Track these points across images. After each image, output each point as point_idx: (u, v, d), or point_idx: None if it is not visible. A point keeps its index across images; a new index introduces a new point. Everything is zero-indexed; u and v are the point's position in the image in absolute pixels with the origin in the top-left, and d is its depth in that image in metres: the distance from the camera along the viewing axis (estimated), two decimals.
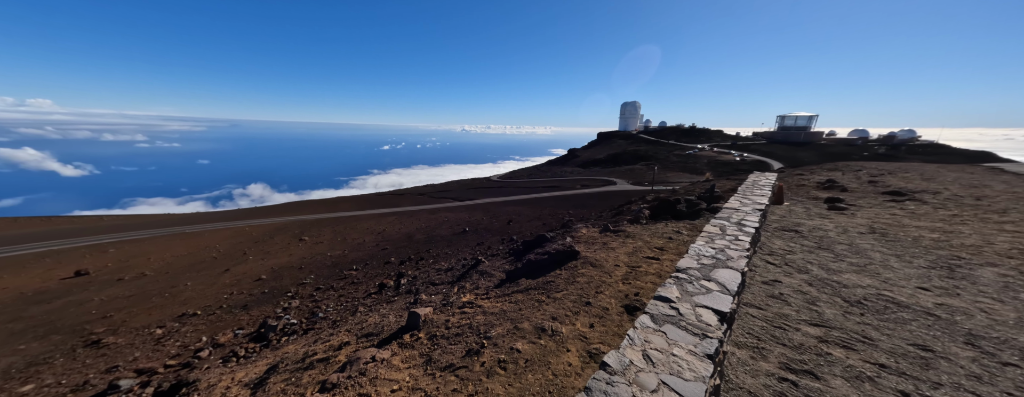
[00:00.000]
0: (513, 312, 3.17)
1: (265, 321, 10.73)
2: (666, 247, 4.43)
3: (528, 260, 4.34)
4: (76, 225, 42.52)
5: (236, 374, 3.34)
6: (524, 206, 36.53)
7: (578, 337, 2.60)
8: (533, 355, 2.45)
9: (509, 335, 2.76)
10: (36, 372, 9.52)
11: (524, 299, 3.39)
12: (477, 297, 3.84)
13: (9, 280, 19.93)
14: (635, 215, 6.29)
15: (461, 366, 2.61)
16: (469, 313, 3.35)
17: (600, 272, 3.74)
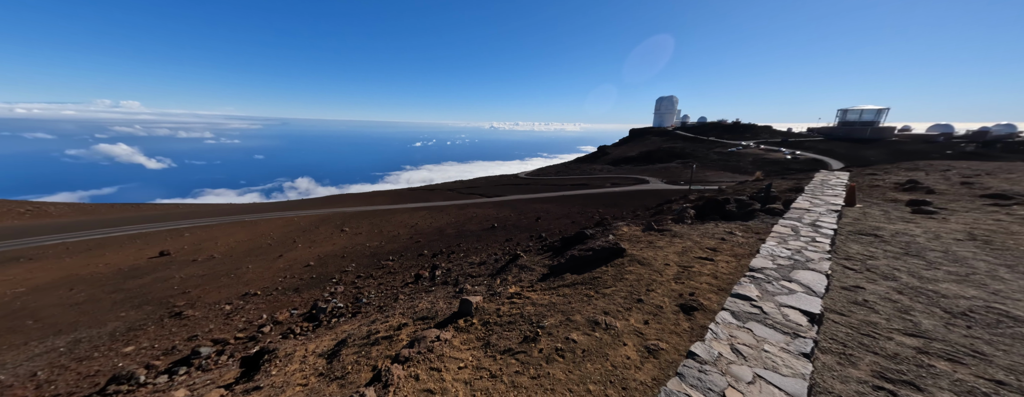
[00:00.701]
0: (562, 305, 3.25)
1: (316, 303, 11.80)
2: (719, 248, 4.26)
3: (571, 256, 4.37)
4: (158, 211, 48.92)
5: (308, 346, 3.76)
6: (552, 204, 36.30)
7: (633, 332, 2.61)
8: (589, 346, 2.51)
9: (562, 326, 2.84)
10: (134, 336, 11.22)
11: (571, 293, 3.46)
12: (523, 289, 3.96)
13: (110, 257, 23.46)
14: (678, 214, 6.06)
15: (519, 351, 2.73)
16: (518, 303, 3.48)
17: (649, 270, 3.69)
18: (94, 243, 28.37)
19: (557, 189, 52.42)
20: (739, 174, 53.04)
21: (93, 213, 47.63)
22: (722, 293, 3.09)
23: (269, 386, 2.88)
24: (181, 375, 7.70)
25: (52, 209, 47.75)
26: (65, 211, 47.22)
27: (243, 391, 2.90)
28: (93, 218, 42.54)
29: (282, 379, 2.98)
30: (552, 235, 19.14)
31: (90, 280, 18.37)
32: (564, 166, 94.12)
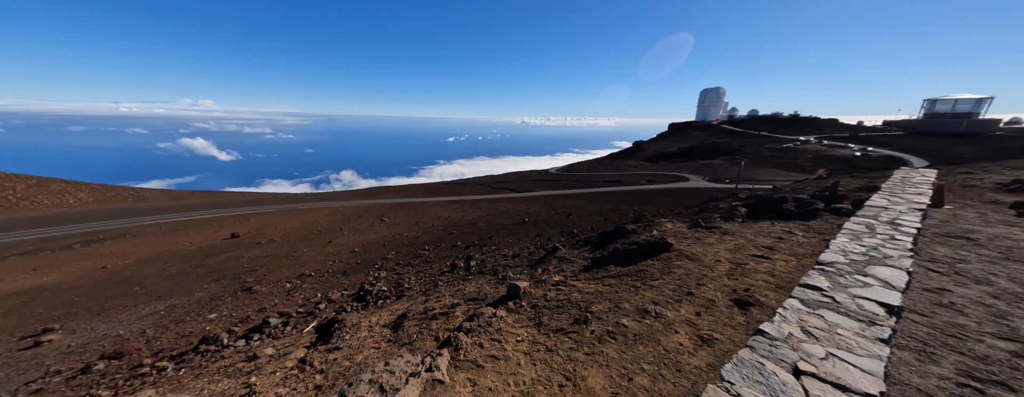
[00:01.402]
0: (609, 294, 3.36)
1: (362, 286, 12.88)
2: (776, 247, 4.07)
3: (614, 249, 4.43)
4: (228, 198, 55.44)
5: (370, 318, 4.24)
6: (583, 200, 35.70)
7: (685, 322, 2.66)
8: (640, 331, 2.61)
9: (611, 312, 2.96)
10: (216, 305, 13.06)
11: (617, 284, 3.54)
12: (567, 278, 4.11)
13: (193, 237, 27.17)
14: (728, 212, 5.78)
15: (572, 331, 2.88)
16: (564, 290, 3.64)
17: (699, 266, 3.66)
18: (180, 224, 33.03)
19: (588, 185, 51.32)
20: (795, 172, 48.19)
21: (178, 198, 55.24)
22: (781, 291, 2.99)
23: (347, 347, 3.34)
24: (255, 340, 8.92)
25: (148, 194, 56.10)
26: (157, 196, 55.26)
27: (326, 350, 3.38)
28: (179, 203, 49.38)
29: (356, 343, 3.43)
30: (584, 231, 18.95)
31: (179, 256, 21.52)
32: (596, 162, 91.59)
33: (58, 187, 50.91)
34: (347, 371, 2.85)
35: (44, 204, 43.92)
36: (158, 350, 9.45)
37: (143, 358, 8.95)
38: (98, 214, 39.43)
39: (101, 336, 10.81)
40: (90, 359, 9.19)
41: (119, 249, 24.11)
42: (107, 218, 36.74)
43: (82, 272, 18.91)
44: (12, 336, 11.18)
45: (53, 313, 13.09)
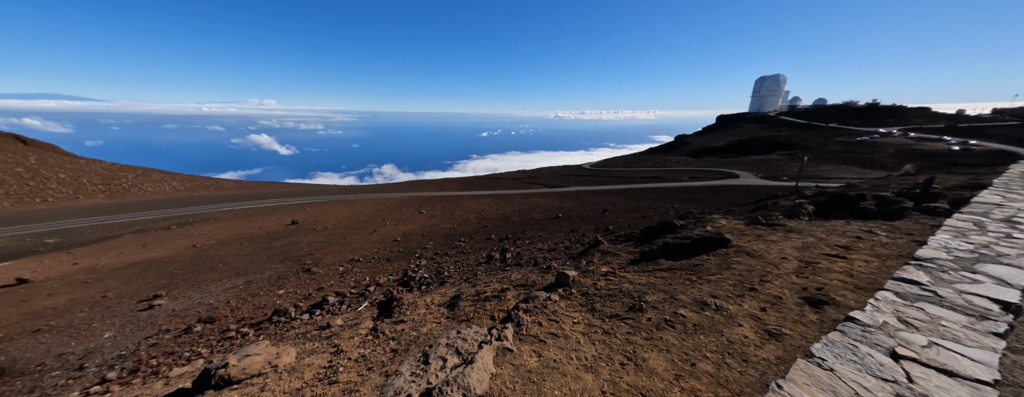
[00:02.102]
0: (662, 285, 3.36)
1: (406, 272, 13.84)
2: (854, 247, 3.76)
3: (665, 244, 4.36)
4: (288, 189, 61.70)
5: (424, 298, 4.65)
6: (619, 196, 34.54)
7: (750, 316, 2.61)
8: (700, 322, 2.60)
9: (667, 302, 2.97)
10: (282, 283, 14.82)
11: (670, 277, 3.52)
12: (616, 270, 4.16)
13: (261, 222, 30.73)
14: (791, 210, 5.34)
15: (627, 317, 2.94)
16: (614, 281, 3.70)
17: (762, 263, 3.51)
18: (251, 211, 37.52)
19: (624, 182, 49.44)
20: (872, 169, 42.33)
21: (248, 188, 62.65)
22: (860, 291, 2.78)
23: (411, 320, 3.72)
24: (317, 315, 10.07)
25: (225, 184, 64.25)
26: (232, 186, 63.09)
27: (392, 322, 3.80)
28: (249, 192, 56.02)
29: (418, 317, 3.80)
30: (620, 228, 18.44)
31: (251, 239, 24.56)
32: (633, 157, 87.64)
33: (157, 176, 60.14)
34: (416, 339, 3.18)
35: (148, 191, 52.29)
36: (240, 318, 11.03)
37: (230, 324, 10.52)
38: (187, 200, 46.11)
39: (196, 303, 12.83)
40: (190, 322, 10.98)
41: (205, 231, 28.05)
42: (194, 204, 42.87)
43: (178, 249, 22.39)
44: (132, 299, 13.66)
45: (160, 282, 15.74)
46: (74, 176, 51.52)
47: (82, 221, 34.45)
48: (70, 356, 9.41)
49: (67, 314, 12.47)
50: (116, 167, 59.06)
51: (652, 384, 2.00)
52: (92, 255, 22.05)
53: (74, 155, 60.67)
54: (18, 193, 44.07)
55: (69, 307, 13.18)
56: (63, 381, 8.21)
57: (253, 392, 2.56)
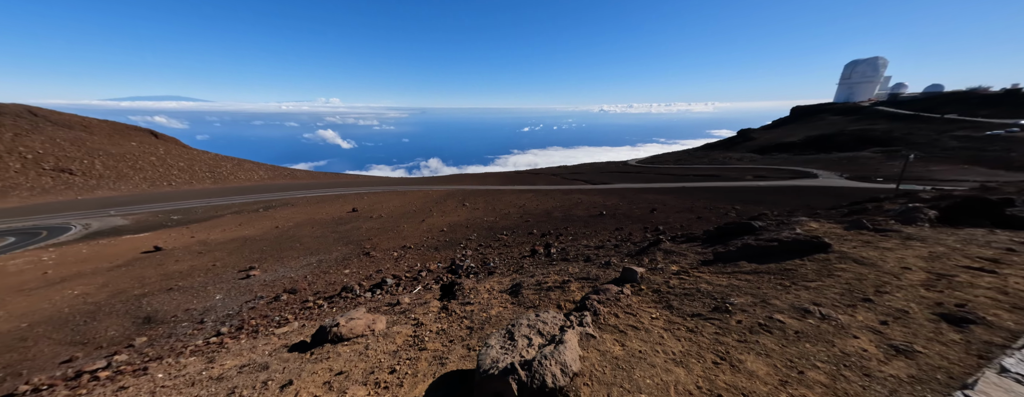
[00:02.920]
0: (748, 289, 3.15)
1: (453, 261, 14.66)
2: (1005, 260, 3.14)
3: (745, 245, 4.06)
4: (349, 180, 68.20)
5: (483, 284, 4.95)
6: (669, 195, 32.32)
7: (867, 329, 2.35)
8: (805, 330, 2.40)
9: (757, 307, 2.78)
10: (347, 263, 16.63)
11: (755, 280, 3.29)
12: (688, 269, 4.00)
13: (328, 209, 34.50)
14: (906, 215, 4.56)
15: (712, 317, 2.80)
16: (687, 280, 3.56)
17: (876, 272, 3.12)
18: (319, 198, 42.31)
19: (675, 179, 46.07)
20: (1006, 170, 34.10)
21: (317, 178, 70.62)
22: (1020, 312, 2.33)
23: (478, 303, 4.01)
24: (378, 294, 11.18)
25: (298, 174, 73.13)
26: (304, 176, 71.61)
27: (460, 303, 4.13)
28: (317, 181, 63.15)
29: (484, 301, 4.08)
30: (671, 228, 17.32)
31: (320, 223, 27.77)
32: (686, 154, 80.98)
33: (249, 166, 70.41)
34: (488, 320, 3.42)
35: (241, 178, 61.66)
36: (316, 291, 12.66)
37: (308, 296, 12.14)
38: (270, 187, 53.46)
39: (281, 276, 14.97)
40: (278, 291, 12.88)
41: (284, 214, 32.33)
42: (275, 191, 49.58)
43: (265, 229, 26.17)
44: (234, 269, 16.37)
45: (253, 256, 18.61)
46: (189, 164, 62.60)
47: (195, 202, 41.87)
48: (193, 311, 11.64)
49: (189, 277, 15.38)
50: (219, 158, 70.45)
51: (754, 386, 1.91)
52: (204, 230, 26.77)
53: (189, 147, 73.53)
54: (152, 178, 54.79)
55: (190, 272, 16.23)
56: (190, 331, 10.22)
57: (359, 349, 3.01)
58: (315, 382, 2.67)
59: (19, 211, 36.75)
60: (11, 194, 43.23)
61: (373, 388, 2.44)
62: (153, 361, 8.13)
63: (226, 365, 3.55)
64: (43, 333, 10.70)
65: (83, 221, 31.84)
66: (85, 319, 11.49)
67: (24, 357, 9.37)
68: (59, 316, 11.82)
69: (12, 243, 24.53)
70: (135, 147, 62.92)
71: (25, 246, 23.53)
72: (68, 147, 54.93)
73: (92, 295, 13.72)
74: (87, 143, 57.80)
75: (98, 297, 13.43)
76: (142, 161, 58.49)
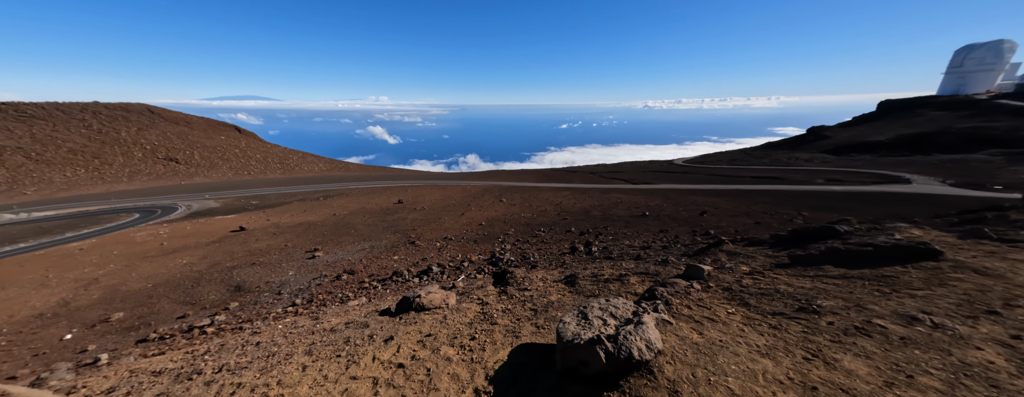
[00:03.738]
0: (837, 292, 2.94)
1: (494, 254, 15.15)
2: None
3: (831, 249, 3.76)
4: (394, 173, 72.82)
5: (535, 274, 5.17)
6: (721, 198, 29.89)
7: (992, 341, 2.13)
8: (912, 336, 2.23)
9: (851, 310, 2.59)
10: (396, 250, 17.96)
11: (846, 285, 3.06)
12: (763, 270, 3.82)
13: (377, 199, 37.26)
14: None
15: (797, 317, 2.68)
16: (763, 281, 3.41)
17: (1003, 284, 2.75)
18: (369, 190, 45.84)
19: (728, 181, 42.45)
20: None
21: (367, 171, 76.43)
22: None
23: (534, 290, 4.24)
24: (424, 280, 12.01)
25: (351, 167, 79.70)
26: (356, 169, 77.86)
27: (517, 289, 4.39)
28: (367, 174, 68.38)
29: (540, 289, 4.29)
30: (725, 232, 16.08)
31: (371, 212, 30.15)
32: (742, 153, 73.88)
33: (311, 159, 78.31)
34: (550, 305, 3.60)
35: (305, 169, 68.91)
36: (371, 274, 13.91)
37: (364, 277, 13.40)
38: (328, 178, 59.05)
39: (341, 258, 16.63)
40: (339, 271, 14.38)
41: (340, 203, 35.56)
42: (332, 182, 54.66)
43: (325, 216, 29.08)
44: (301, 250, 18.50)
45: (316, 239, 20.87)
46: (264, 156, 71.31)
47: (269, 189, 47.69)
48: (272, 284, 13.43)
49: (267, 255, 17.69)
50: (288, 151, 79.24)
51: (854, 384, 1.84)
52: (276, 215, 30.49)
53: (264, 141, 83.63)
54: (236, 167, 63.31)
55: (268, 250, 18.65)
56: (271, 300, 11.83)
57: (438, 318, 3.39)
58: (411, 339, 3.07)
59: (139, 193, 44.74)
60: (135, 178, 52.68)
61: (459, 349, 2.75)
62: (246, 322, 9.58)
63: (332, 322, 4.16)
64: (163, 293, 13.07)
65: (186, 202, 37.91)
66: (191, 283, 13.81)
67: (151, 311, 11.56)
68: (173, 280, 14.34)
69: (136, 218, 30.03)
70: (223, 140, 72.91)
71: (146, 221, 28.67)
72: (175, 140, 65.30)
73: (196, 265, 16.40)
74: (189, 137, 68.19)
75: (200, 267, 16.02)
76: (229, 153, 67.73)
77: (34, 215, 31.71)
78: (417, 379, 2.50)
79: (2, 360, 9.01)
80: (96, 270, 16.28)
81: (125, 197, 41.16)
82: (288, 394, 2.61)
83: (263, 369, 3.05)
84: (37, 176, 48.52)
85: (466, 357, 2.64)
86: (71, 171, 51.20)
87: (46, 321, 11.22)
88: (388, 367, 2.76)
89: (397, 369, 2.68)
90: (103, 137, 59.52)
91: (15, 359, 8.96)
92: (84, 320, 11.07)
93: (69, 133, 57.99)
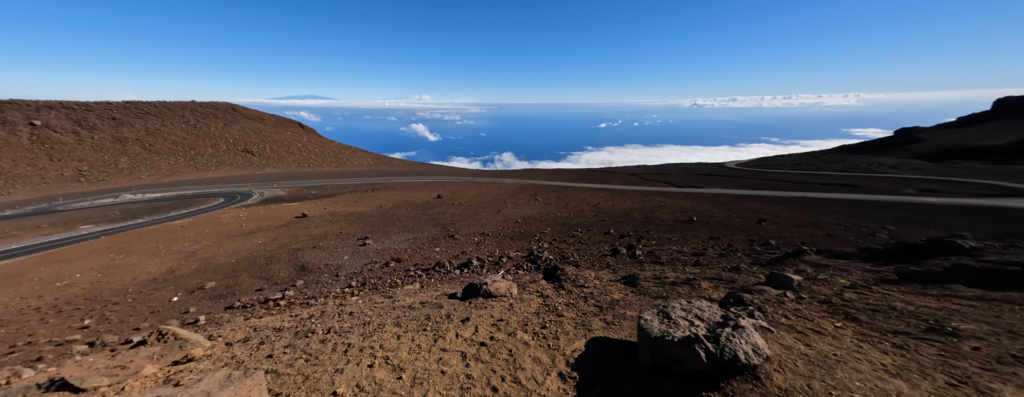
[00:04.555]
0: (976, 315, 2.57)
1: (531, 251, 15.23)
2: None
3: (957, 266, 3.30)
4: (434, 169, 76.04)
5: (587, 273, 5.17)
6: (781, 206, 26.97)
7: None
8: None
9: (1002, 336, 2.25)
10: (437, 243, 18.83)
11: (988, 308, 2.66)
12: (869, 285, 3.45)
13: (418, 194, 39.22)
14: None
15: (928, 339, 2.40)
16: (870, 296, 3.07)
17: None
18: (411, 184, 48.42)
19: (791, 187, 38.23)
20: None
21: (409, 166, 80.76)
22: None
23: (592, 287, 4.25)
24: (465, 272, 12.49)
25: (395, 162, 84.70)
26: (399, 164, 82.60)
27: (574, 286, 4.44)
28: (410, 169, 72.25)
29: (598, 287, 4.27)
30: (788, 244, 14.49)
31: (413, 205, 31.85)
32: (810, 157, 65.87)
33: (361, 154, 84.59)
34: (614, 303, 3.56)
35: (355, 163, 74.66)
36: (415, 263, 14.76)
37: (409, 266, 14.27)
38: (375, 172, 63.39)
39: (387, 247, 17.84)
40: (387, 259, 15.45)
41: (385, 196, 37.99)
42: (379, 175, 58.57)
43: (373, 207, 31.30)
44: (354, 237, 20.13)
45: (366, 228, 22.57)
46: (322, 151, 78.46)
47: (325, 180, 52.39)
48: (331, 266, 14.82)
49: (325, 240, 19.51)
50: (341, 146, 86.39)
51: None
52: (332, 204, 33.48)
53: (322, 137, 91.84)
54: (298, 160, 70.38)
55: (325, 236, 20.57)
56: (329, 281, 13.07)
57: (505, 305, 3.57)
58: (485, 322, 3.26)
59: (223, 180, 51.57)
60: (220, 167, 60.76)
61: (533, 335, 2.87)
62: (311, 298, 10.69)
63: (406, 301, 4.56)
64: (243, 268, 15.01)
65: (259, 190, 43.02)
66: (265, 261, 15.69)
67: (235, 283, 13.34)
68: (251, 257, 16.40)
69: (221, 202, 34.74)
70: (289, 136, 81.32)
71: (229, 205, 33.07)
72: (252, 135, 74.12)
73: (268, 245, 18.59)
74: (262, 132, 76.98)
75: (271, 247, 18.13)
76: (293, 147, 75.41)
77: (148, 196, 38.14)
78: (501, 358, 2.64)
79: (129, 313, 10.99)
80: (193, 245, 19.17)
81: (212, 183, 47.88)
82: (392, 356, 2.91)
83: (363, 334, 3.43)
84: (149, 163, 58.15)
85: (542, 343, 2.72)
86: (173, 160, 60.62)
87: (158, 285, 13.47)
88: (471, 344, 2.95)
89: (480, 347, 2.85)
90: (197, 131, 69.56)
91: (138, 314, 10.87)
92: (185, 286, 13.11)
93: (173, 128, 68.59)
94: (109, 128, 63.28)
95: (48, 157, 55.36)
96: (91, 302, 12.04)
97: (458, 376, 2.49)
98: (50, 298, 12.71)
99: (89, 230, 25.48)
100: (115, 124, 64.35)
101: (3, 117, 58.44)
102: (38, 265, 17.25)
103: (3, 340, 9.66)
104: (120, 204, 34.38)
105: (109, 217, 29.58)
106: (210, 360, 3.48)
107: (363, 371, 2.72)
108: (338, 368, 2.83)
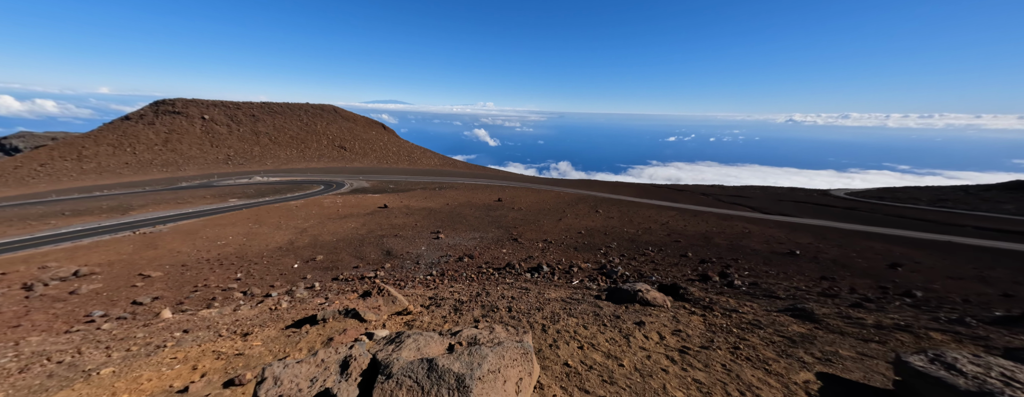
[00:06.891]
0: None
1: (603, 265, 14.82)
2: None
3: None
4: (493, 173, 78.94)
5: (726, 298, 4.96)
6: (921, 250, 21.58)
7: None
8: None
9: None
10: (502, 244, 19.52)
11: None
12: None
13: (480, 195, 41.05)
14: None
15: None
16: None
17: None
18: (473, 186, 50.98)
19: (931, 228, 30.49)
20: None
21: (471, 169, 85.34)
22: None
23: (750, 314, 4.07)
24: (536, 276, 12.71)
25: (458, 164, 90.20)
26: (462, 166, 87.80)
27: (721, 309, 4.33)
28: (471, 171, 76.31)
29: (755, 313, 4.10)
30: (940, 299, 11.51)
31: (477, 206, 33.50)
32: (960, 192, 51.78)
33: (429, 154, 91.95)
34: (801, 337, 3.19)
35: (425, 163, 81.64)
36: (485, 261, 15.53)
37: (481, 263, 15.06)
38: (441, 172, 68.37)
39: (458, 243, 19.07)
40: (460, 254, 16.54)
41: (450, 195, 40.61)
42: (445, 175, 63.01)
43: (441, 204, 33.77)
44: (427, 230, 21.97)
45: (437, 223, 24.46)
46: (398, 150, 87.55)
47: (400, 177, 58.18)
48: (412, 254, 16.38)
49: (404, 230, 21.64)
50: (414, 147, 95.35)
51: None
52: (407, 198, 37.04)
53: (400, 137, 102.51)
54: (380, 157, 79.47)
55: (404, 226, 22.82)
56: (412, 267, 14.45)
57: (668, 316, 3.62)
58: (664, 330, 3.34)
59: (322, 171, 60.66)
60: (321, 159, 71.66)
61: (731, 353, 2.78)
62: (400, 280, 11.94)
63: (552, 294, 4.92)
64: (342, 247, 17.41)
65: (350, 181, 49.67)
66: (359, 243, 17.98)
67: (338, 259, 15.54)
68: (347, 238, 18.95)
69: (322, 189, 40.93)
70: (374, 135, 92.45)
71: (329, 192, 38.80)
72: (346, 133, 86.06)
73: (359, 229, 21.31)
74: (354, 131, 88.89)
75: (362, 232, 20.74)
76: (376, 145, 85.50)
77: (271, 179, 46.95)
78: (717, 370, 2.58)
79: (265, 273, 13.53)
80: (304, 222, 22.94)
81: (314, 173, 56.88)
82: (594, 343, 3.16)
83: (546, 317, 3.73)
84: (273, 153, 71.50)
85: (756, 365, 2.67)
86: (289, 151, 73.60)
87: (283, 253, 16.37)
88: (669, 349, 3.00)
89: (681, 353, 2.88)
90: (307, 128, 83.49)
91: (272, 275, 13.33)
92: (302, 256, 15.70)
93: (290, 124, 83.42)
94: (249, 123, 79.87)
95: (210, 144, 71.97)
96: (240, 260, 15.23)
97: (685, 377, 2.53)
98: (215, 253, 16.42)
99: (234, 203, 32.34)
100: (253, 120, 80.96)
101: (186, 112, 77.95)
102: (205, 226, 22.43)
103: (191, 280, 12.81)
104: (253, 184, 43.03)
105: (247, 194, 37.16)
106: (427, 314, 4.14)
107: (573, 351, 2.93)
108: (551, 342, 3.06)
